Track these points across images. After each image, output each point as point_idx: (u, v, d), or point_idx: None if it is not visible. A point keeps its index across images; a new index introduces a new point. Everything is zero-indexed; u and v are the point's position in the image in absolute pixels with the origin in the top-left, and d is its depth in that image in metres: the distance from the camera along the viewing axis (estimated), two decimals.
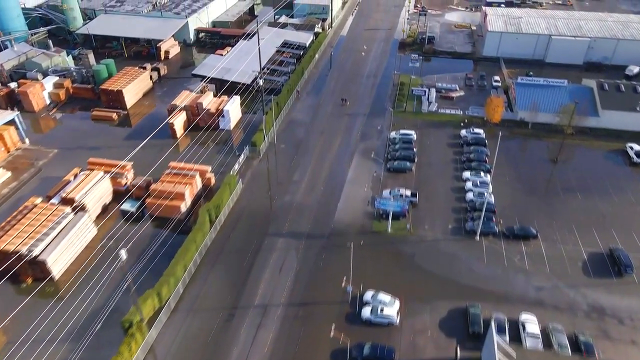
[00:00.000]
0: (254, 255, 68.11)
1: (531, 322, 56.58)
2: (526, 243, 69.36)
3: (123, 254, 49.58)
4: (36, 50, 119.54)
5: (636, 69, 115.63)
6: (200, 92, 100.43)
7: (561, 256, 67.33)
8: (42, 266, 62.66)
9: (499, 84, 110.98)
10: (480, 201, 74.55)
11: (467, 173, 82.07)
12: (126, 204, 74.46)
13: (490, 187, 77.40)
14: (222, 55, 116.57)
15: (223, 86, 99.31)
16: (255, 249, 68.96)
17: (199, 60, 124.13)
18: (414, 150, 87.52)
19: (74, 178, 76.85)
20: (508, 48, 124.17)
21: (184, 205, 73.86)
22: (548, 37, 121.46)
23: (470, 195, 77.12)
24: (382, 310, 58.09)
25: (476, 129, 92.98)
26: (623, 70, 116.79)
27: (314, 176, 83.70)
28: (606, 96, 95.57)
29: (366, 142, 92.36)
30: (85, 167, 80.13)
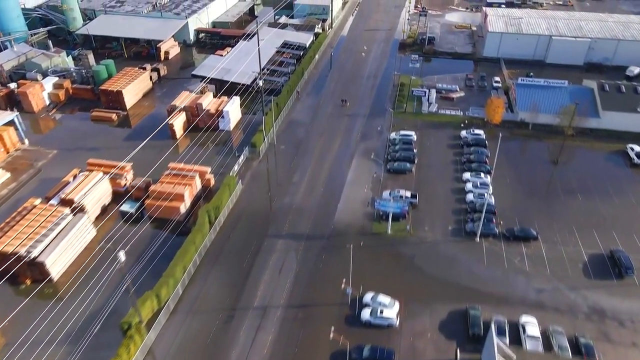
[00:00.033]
0: (254, 256, 67.96)
1: (531, 324, 56.37)
2: (526, 244, 69.19)
3: (121, 256, 49.51)
4: (36, 50, 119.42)
5: (637, 70, 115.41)
6: (200, 93, 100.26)
7: (562, 258, 67.15)
8: (41, 267, 62.57)
9: (500, 85, 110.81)
10: (480, 202, 74.42)
11: (467, 174, 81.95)
12: (125, 205, 74.35)
13: (490, 189, 77.20)
14: (222, 55, 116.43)
15: (223, 87, 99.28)
16: (254, 250, 68.82)
17: (199, 60, 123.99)
18: (414, 151, 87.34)
19: (73, 179, 76.72)
20: (508, 49, 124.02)
21: (184, 206, 73.77)
22: (548, 38, 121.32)
23: (470, 196, 76.98)
24: (382, 312, 57.94)
25: (476, 130, 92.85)
26: (624, 71, 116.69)
27: (314, 177, 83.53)
28: (607, 97, 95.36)
29: (366, 143, 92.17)
30: (84, 168, 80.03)
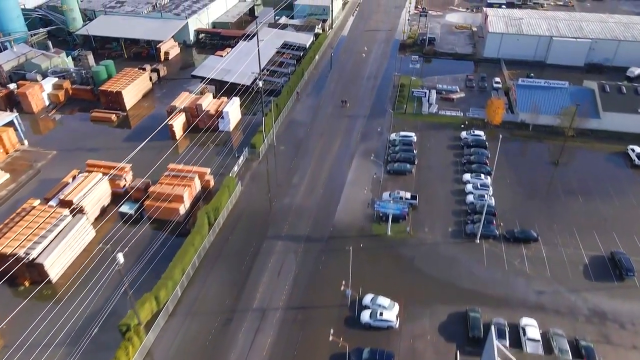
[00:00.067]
0: (253, 258, 67.77)
1: (532, 327, 56.16)
2: (527, 246, 68.95)
3: (120, 258, 49.34)
4: (36, 51, 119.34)
5: (637, 71, 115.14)
6: (199, 94, 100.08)
7: (562, 260, 66.91)
8: (40, 269, 62.43)
9: (500, 86, 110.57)
10: (480, 204, 74.23)
11: (468, 175, 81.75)
12: (125, 206, 74.19)
13: (490, 190, 76.84)
14: (222, 56, 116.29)
15: (223, 87, 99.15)
16: (254, 252, 68.62)
17: (199, 61, 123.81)
18: (414, 152, 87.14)
19: (73, 180, 76.60)
20: (509, 49, 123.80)
21: (183, 207, 73.61)
22: (549, 39, 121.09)
23: (470, 197, 76.81)
24: (382, 314, 57.74)
25: (477, 131, 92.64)
26: (624, 71, 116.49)
27: (314, 178, 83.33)
28: (607, 98, 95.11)
29: (366, 144, 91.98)
30: (84, 169, 79.85)
